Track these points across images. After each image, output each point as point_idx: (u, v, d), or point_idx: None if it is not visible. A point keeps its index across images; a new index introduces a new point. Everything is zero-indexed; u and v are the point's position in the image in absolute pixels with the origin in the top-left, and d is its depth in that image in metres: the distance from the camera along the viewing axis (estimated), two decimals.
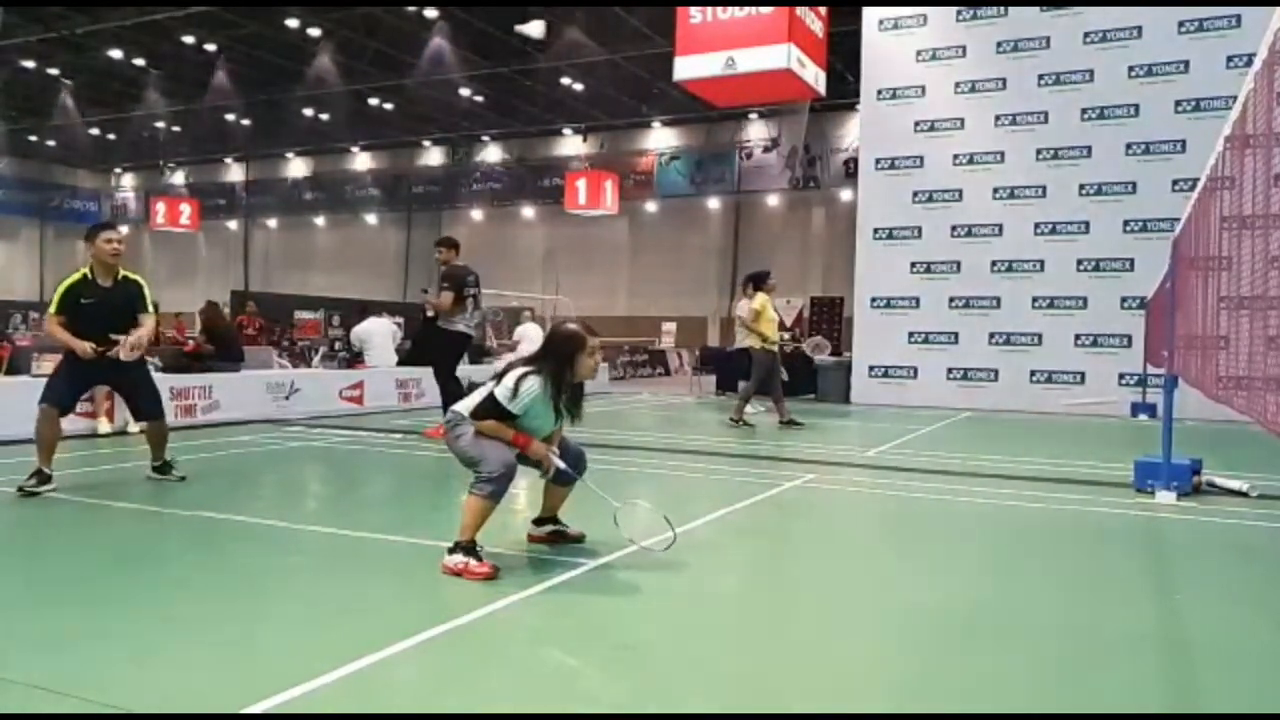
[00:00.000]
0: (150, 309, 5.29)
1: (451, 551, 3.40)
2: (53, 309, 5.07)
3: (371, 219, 32.80)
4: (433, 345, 8.00)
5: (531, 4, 18.53)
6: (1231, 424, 8.14)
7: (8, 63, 22.25)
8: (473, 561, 3.35)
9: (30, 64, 23.22)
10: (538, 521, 3.94)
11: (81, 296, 5.03)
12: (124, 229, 36.26)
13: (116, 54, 22.42)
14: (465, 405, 3.61)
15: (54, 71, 24.35)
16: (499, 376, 3.55)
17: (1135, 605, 3.33)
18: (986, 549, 4.32)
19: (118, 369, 5.15)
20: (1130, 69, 11.85)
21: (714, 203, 27.79)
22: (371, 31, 21.03)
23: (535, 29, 19.64)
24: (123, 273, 5.20)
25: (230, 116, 27.39)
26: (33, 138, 30.96)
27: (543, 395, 3.46)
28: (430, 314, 7.86)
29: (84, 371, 5.12)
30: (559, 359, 3.51)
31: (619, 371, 18.91)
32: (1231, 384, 4.12)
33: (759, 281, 9.65)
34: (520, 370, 3.50)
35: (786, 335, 11.53)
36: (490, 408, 3.47)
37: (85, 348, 4.95)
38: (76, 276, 5.11)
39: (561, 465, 3.61)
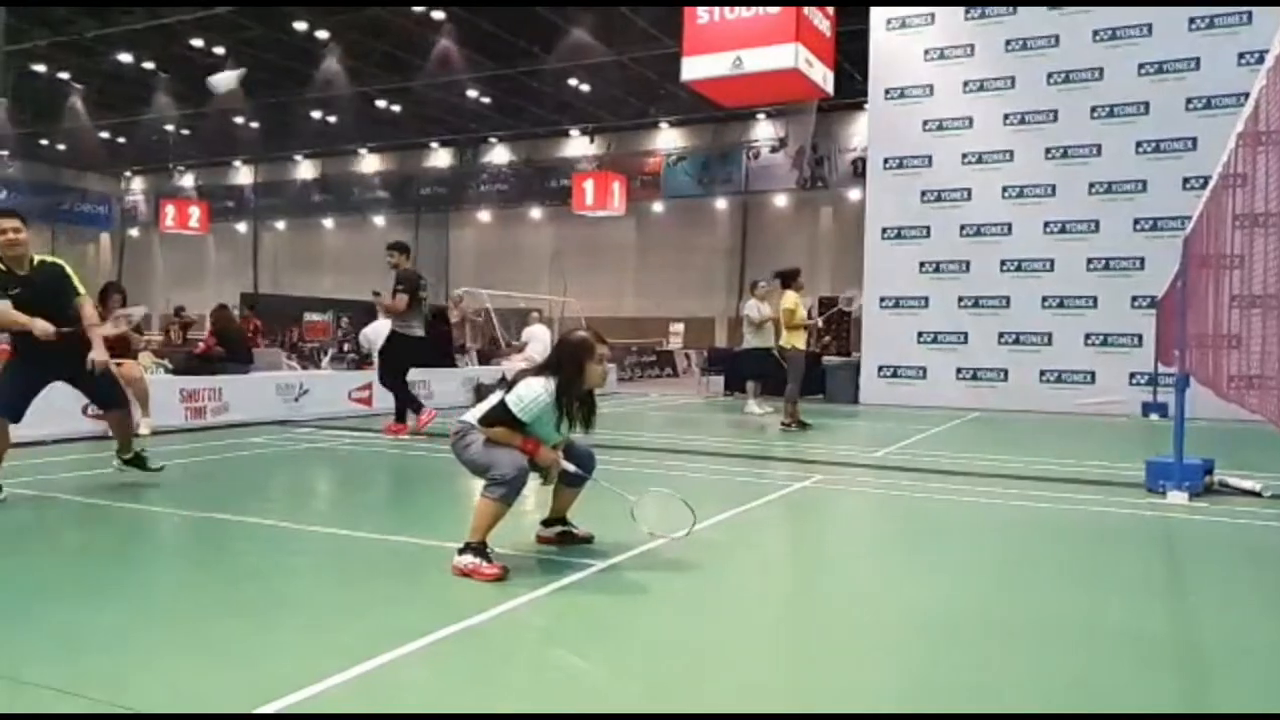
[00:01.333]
0: (81, 291, 4.94)
1: (461, 552, 3.40)
2: None
3: (380, 220, 32.89)
4: (389, 348, 8.09)
5: (536, 4, 18.54)
6: (1244, 424, 8.07)
7: (18, 67, 22.38)
8: (483, 563, 3.35)
9: (40, 68, 23.39)
10: (546, 523, 3.94)
11: (5, 287, 4.70)
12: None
13: (126, 58, 22.56)
14: (474, 414, 3.62)
15: (64, 75, 24.51)
16: (510, 385, 3.56)
17: (1146, 606, 3.31)
18: (996, 549, 4.30)
19: (72, 365, 4.83)
20: (1140, 66, 11.78)
21: (721, 203, 27.76)
22: (379, 34, 21.10)
23: (228, 80, 18.45)
24: (37, 258, 4.88)
25: (239, 119, 27.52)
26: (43, 141, 31.17)
27: (553, 404, 3.48)
28: (381, 317, 8.06)
29: (37, 374, 4.83)
30: (569, 367, 3.53)
31: (626, 372, 18.91)
32: (1244, 383, 4.10)
33: (789, 279, 9.57)
34: (531, 380, 3.51)
35: (818, 323, 11.43)
36: (501, 415, 3.48)
37: (47, 327, 4.62)
38: None
39: (571, 468, 3.61)
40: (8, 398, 4.74)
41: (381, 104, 25.90)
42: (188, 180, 35.34)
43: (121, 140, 31.22)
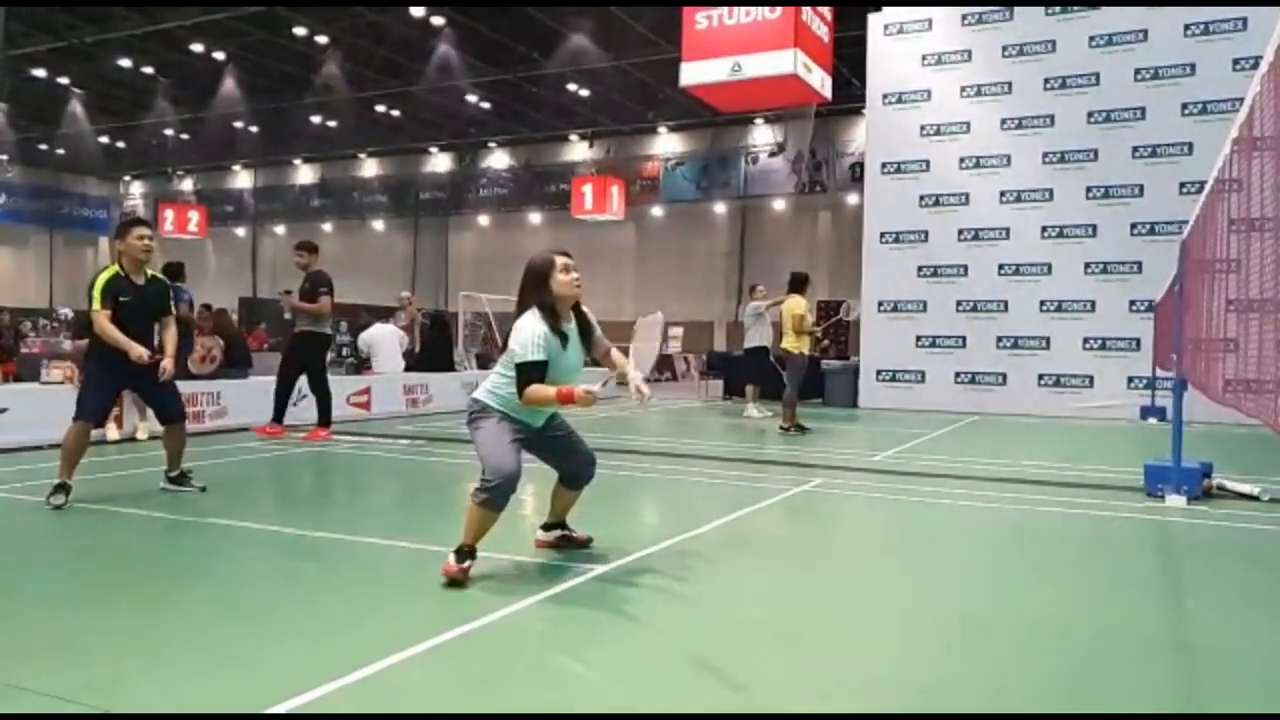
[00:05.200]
0: (173, 310, 5.31)
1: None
2: (98, 304, 4.87)
3: (379, 225, 32.92)
4: (306, 348, 8.00)
5: (534, 4, 18.57)
6: (1242, 427, 8.11)
7: (18, 71, 22.41)
8: (452, 559, 3.34)
9: (41, 73, 23.40)
10: (545, 526, 3.94)
11: (120, 294, 4.93)
12: None
13: (126, 63, 22.59)
14: (484, 389, 3.56)
15: (64, 80, 24.53)
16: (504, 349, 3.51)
17: (1145, 610, 3.31)
18: (995, 553, 4.31)
19: (144, 374, 5.05)
20: (1136, 72, 11.83)
21: (720, 207, 27.80)
22: (378, 39, 21.14)
23: None
24: (151, 271, 5.17)
25: (238, 124, 27.55)
26: (43, 146, 31.17)
27: (548, 330, 3.42)
28: (288, 315, 8.02)
29: (116, 379, 5.05)
30: (536, 285, 3.49)
31: None
32: (1241, 387, 4.11)
33: (800, 284, 9.67)
34: (517, 324, 3.45)
35: (818, 331, 11.44)
36: (524, 374, 3.35)
37: (141, 352, 4.82)
38: (111, 272, 5.00)
39: (597, 387, 3.33)
40: (95, 404, 5.00)
41: (381, 109, 25.94)
42: (187, 185, 35.35)
43: (121, 145, 31.24)
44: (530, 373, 3.36)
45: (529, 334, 3.39)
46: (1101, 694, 2.46)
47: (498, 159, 31.02)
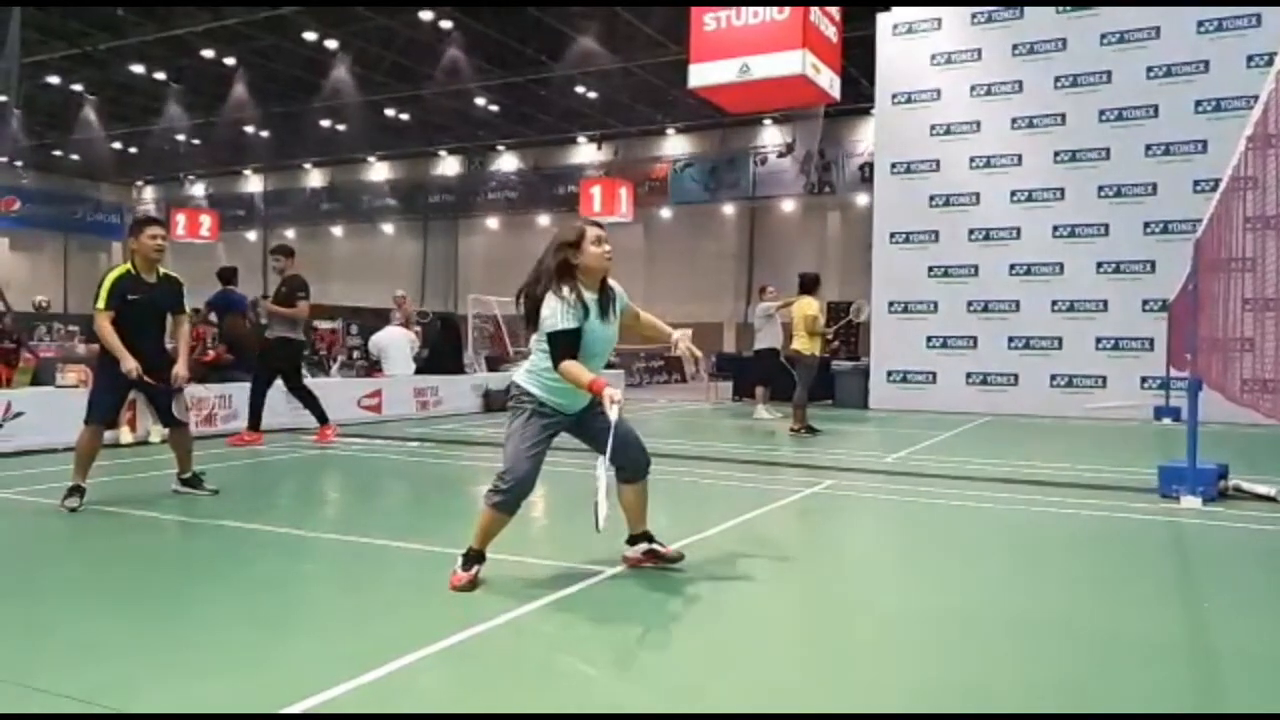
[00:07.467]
0: (186, 310, 5.29)
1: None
2: (101, 304, 4.83)
3: (388, 228, 33.04)
4: (280, 354, 7.98)
5: (539, 4, 18.61)
6: (1259, 427, 8.03)
7: (33, 78, 22.61)
8: (459, 566, 3.33)
9: (54, 79, 23.62)
10: (631, 541, 3.70)
11: (129, 293, 4.90)
12: None
13: (138, 69, 22.76)
14: (522, 373, 3.48)
15: (77, 87, 24.74)
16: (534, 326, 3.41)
17: (1160, 611, 3.28)
18: (1009, 555, 4.28)
19: (152, 376, 5.04)
20: (1149, 69, 11.74)
21: (729, 209, 27.77)
22: (387, 43, 21.24)
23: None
24: (163, 270, 5.13)
25: (249, 128, 27.72)
26: (57, 152, 31.44)
27: (572, 298, 3.31)
28: (264, 320, 8.03)
29: (124, 381, 5.02)
30: (558, 250, 3.36)
31: (635, 378, 18.93)
32: (1258, 386, 4.07)
33: (812, 285, 9.66)
34: (546, 300, 3.34)
35: (829, 332, 11.38)
36: (559, 349, 3.26)
37: (133, 366, 4.79)
38: (120, 270, 4.99)
39: (614, 416, 3.24)
40: (105, 407, 5.04)
41: (390, 112, 26.03)
42: (198, 189, 35.58)
43: (133, 150, 31.48)
44: (564, 341, 3.26)
45: (558, 302, 3.30)
46: (1117, 695, 2.44)
47: (506, 161, 31.09)
